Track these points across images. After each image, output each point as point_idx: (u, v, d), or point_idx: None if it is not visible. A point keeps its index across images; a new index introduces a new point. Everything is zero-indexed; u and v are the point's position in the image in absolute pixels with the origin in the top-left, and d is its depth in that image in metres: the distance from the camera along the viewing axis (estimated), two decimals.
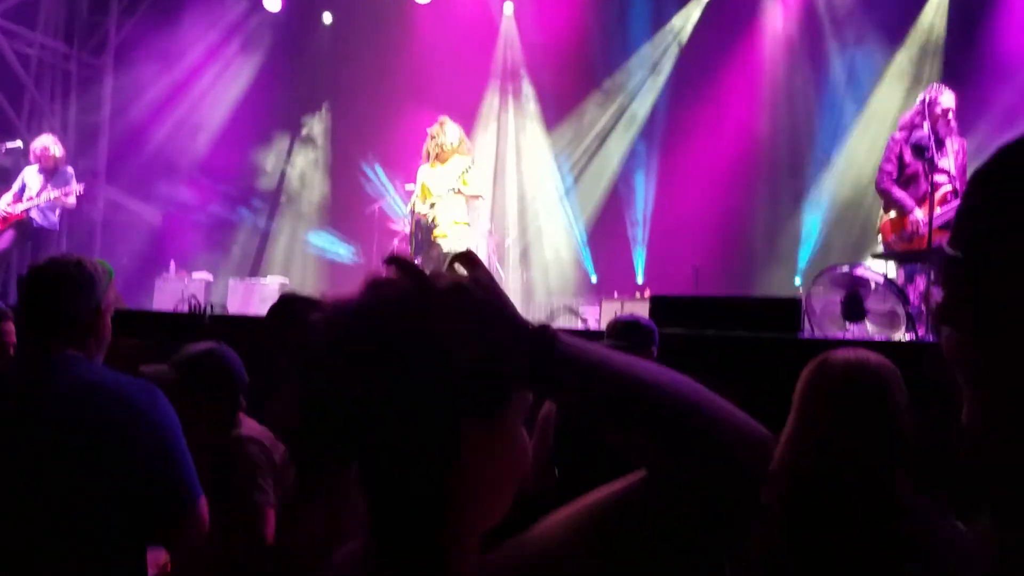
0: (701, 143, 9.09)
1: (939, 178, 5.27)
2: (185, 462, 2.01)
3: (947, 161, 5.33)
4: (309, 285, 10.18)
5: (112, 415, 1.93)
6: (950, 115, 5.36)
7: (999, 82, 7.62)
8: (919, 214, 5.25)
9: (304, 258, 10.62)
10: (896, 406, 1.77)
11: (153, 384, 2.07)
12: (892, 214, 5.46)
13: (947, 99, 5.37)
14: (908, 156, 5.31)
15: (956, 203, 5.17)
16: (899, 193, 5.37)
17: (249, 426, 2.61)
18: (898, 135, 5.47)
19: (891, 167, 5.44)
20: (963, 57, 8.20)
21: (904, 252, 5.23)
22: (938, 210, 5.19)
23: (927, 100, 5.37)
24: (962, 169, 5.36)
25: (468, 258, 0.86)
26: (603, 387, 0.82)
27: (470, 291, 0.82)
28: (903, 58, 8.91)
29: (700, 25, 9.72)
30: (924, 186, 5.22)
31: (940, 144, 5.34)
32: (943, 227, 5.16)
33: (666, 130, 9.75)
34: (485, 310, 0.82)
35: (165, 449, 1.98)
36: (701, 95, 9.32)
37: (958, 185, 5.26)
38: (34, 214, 7.52)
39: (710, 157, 9.01)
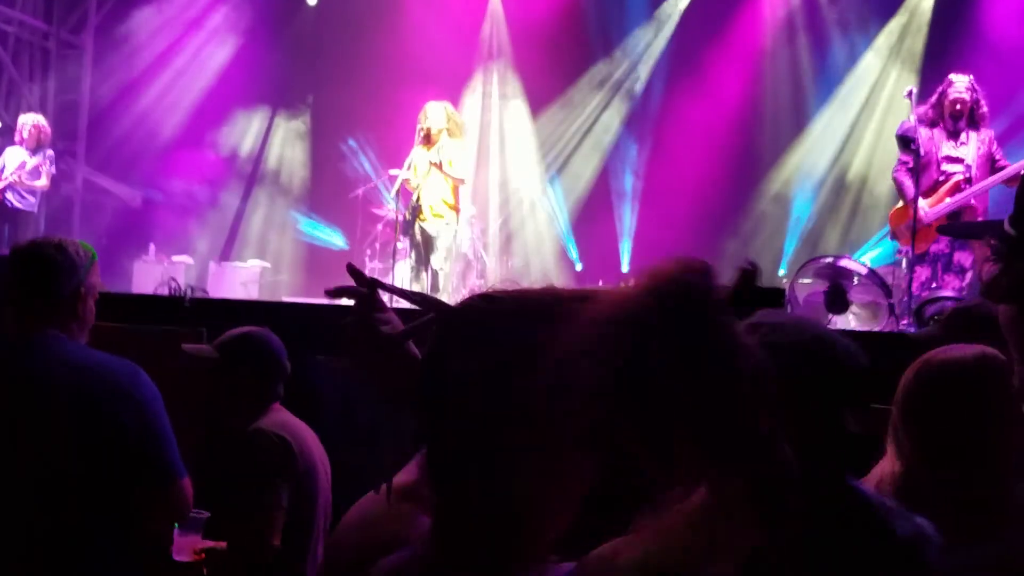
0: (690, 131, 9.07)
1: (953, 167, 5.30)
2: (167, 439, 2.03)
3: (966, 150, 5.32)
4: (289, 270, 10.12)
5: (95, 392, 1.95)
6: (965, 105, 5.33)
7: (986, 62, 7.58)
8: (920, 202, 5.27)
9: (283, 242, 10.52)
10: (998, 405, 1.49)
11: (135, 363, 2.07)
12: (901, 203, 5.50)
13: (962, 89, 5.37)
14: (924, 147, 5.25)
15: (968, 192, 5.23)
16: (907, 183, 5.38)
17: (276, 420, 2.45)
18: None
19: (908, 157, 5.39)
20: (950, 37, 8.21)
21: (958, 226, 5.15)
22: (947, 200, 5.25)
23: (938, 92, 5.39)
24: (984, 159, 5.33)
25: None
26: None
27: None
28: (891, 39, 8.91)
29: (692, 9, 9.65)
30: (934, 175, 5.25)
31: (956, 134, 5.34)
32: (949, 216, 5.24)
33: (655, 117, 9.71)
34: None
35: (147, 426, 2.00)
36: (692, 82, 9.29)
37: (974, 176, 5.28)
38: (10, 195, 7.42)
39: (699, 145, 9.00)
